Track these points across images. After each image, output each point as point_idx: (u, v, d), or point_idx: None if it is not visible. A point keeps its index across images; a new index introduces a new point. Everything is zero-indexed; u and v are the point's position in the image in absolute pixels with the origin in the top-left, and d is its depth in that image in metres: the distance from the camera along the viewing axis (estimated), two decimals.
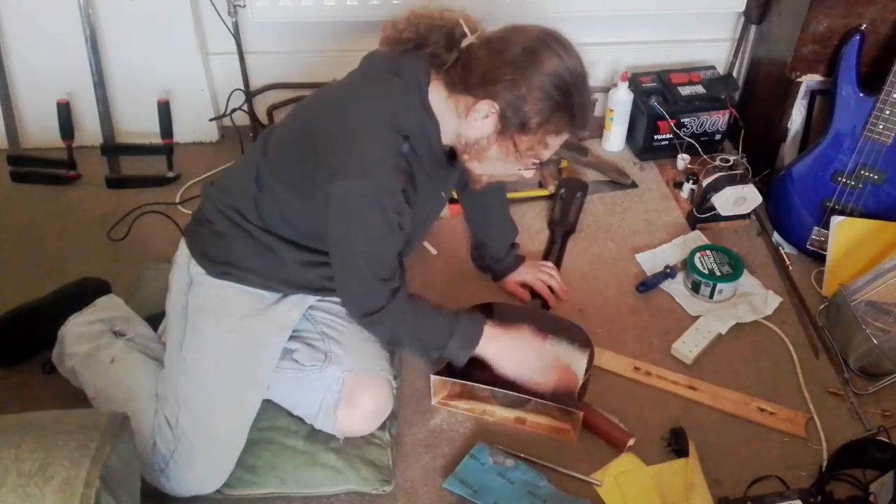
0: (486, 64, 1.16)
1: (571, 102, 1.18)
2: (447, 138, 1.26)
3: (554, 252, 1.84)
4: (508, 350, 1.38)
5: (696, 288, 1.72)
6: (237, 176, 1.36)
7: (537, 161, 1.27)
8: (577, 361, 1.45)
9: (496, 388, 1.42)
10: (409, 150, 1.21)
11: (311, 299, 1.44)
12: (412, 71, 1.21)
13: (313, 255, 1.33)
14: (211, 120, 2.17)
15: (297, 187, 1.27)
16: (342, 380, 1.34)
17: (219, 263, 1.33)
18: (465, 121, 1.21)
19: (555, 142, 1.24)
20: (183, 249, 1.38)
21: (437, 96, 1.22)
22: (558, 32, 1.19)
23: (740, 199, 1.85)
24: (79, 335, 1.43)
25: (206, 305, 1.33)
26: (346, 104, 1.24)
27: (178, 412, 1.28)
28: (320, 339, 1.40)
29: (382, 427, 1.39)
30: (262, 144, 1.34)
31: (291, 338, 1.40)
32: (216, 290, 1.33)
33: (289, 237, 1.32)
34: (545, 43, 1.16)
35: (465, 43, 1.19)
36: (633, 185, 2.06)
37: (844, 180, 1.74)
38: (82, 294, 1.52)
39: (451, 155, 1.29)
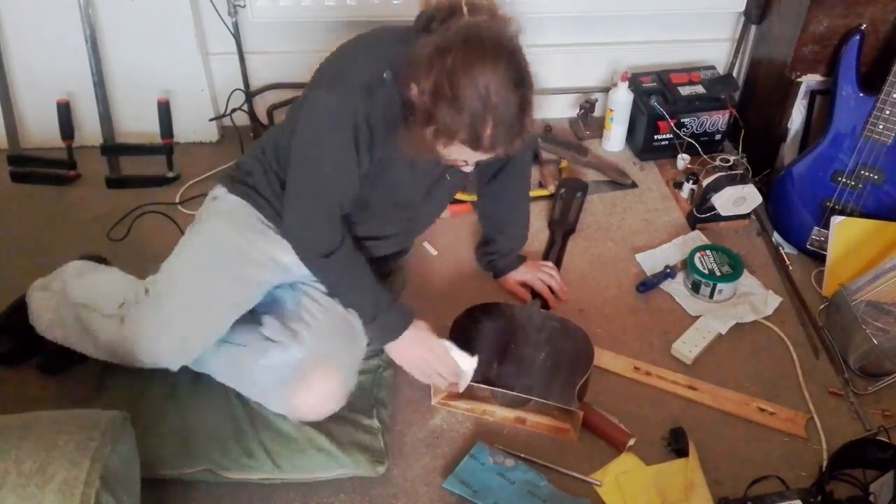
0: (422, 47, 1.14)
1: (473, 123, 1.12)
2: None
3: (554, 252, 1.84)
4: (401, 346, 1.42)
5: (696, 288, 1.72)
6: (277, 129, 1.45)
7: (435, 156, 1.23)
8: (466, 368, 1.42)
9: (496, 388, 1.43)
10: (391, 79, 1.21)
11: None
12: (413, 25, 1.23)
13: None
14: (211, 120, 2.17)
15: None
16: (299, 361, 1.36)
17: (240, 183, 1.42)
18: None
19: (444, 151, 1.20)
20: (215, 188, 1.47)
21: None
22: (506, 47, 1.13)
23: (740, 199, 1.85)
24: (82, 266, 1.53)
25: (219, 209, 1.42)
26: (349, 43, 1.30)
27: (158, 278, 1.39)
28: (294, 320, 1.42)
29: (370, 415, 1.41)
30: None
31: (268, 313, 1.44)
32: (233, 204, 1.41)
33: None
34: (468, 53, 1.10)
35: (458, 21, 1.16)
36: (633, 185, 2.06)
37: (844, 180, 1.74)
38: None
39: None
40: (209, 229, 1.41)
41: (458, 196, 1.92)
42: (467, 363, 1.41)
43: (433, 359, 1.40)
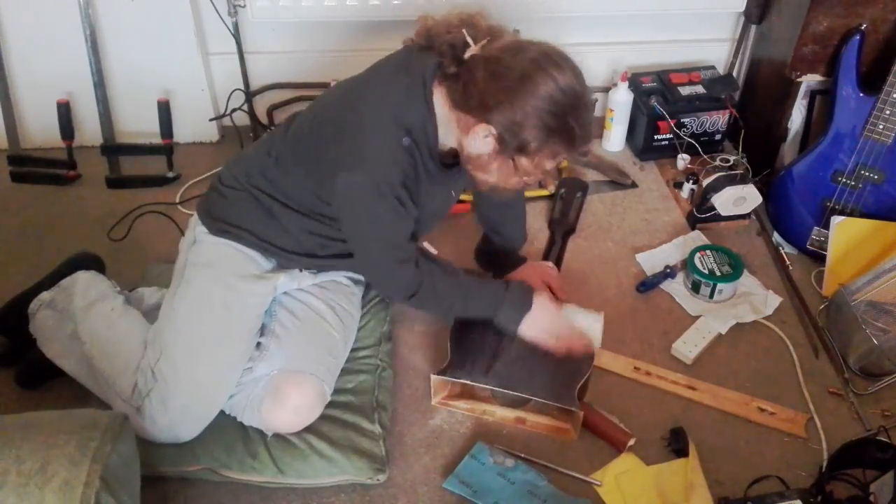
0: (483, 88, 1.17)
1: (568, 126, 1.19)
2: (451, 142, 1.29)
3: (554, 252, 1.84)
4: (531, 314, 1.43)
5: (696, 288, 1.72)
6: (257, 147, 1.43)
7: (536, 179, 1.31)
8: (593, 324, 1.51)
9: (496, 388, 1.43)
10: (410, 144, 1.24)
11: (296, 281, 1.45)
12: (420, 69, 1.24)
13: (312, 221, 1.37)
14: (211, 120, 2.17)
15: (308, 167, 1.32)
16: (267, 377, 1.36)
17: (219, 221, 1.39)
18: (465, 137, 1.23)
19: (551, 164, 1.26)
20: (194, 214, 1.45)
21: (440, 102, 1.24)
22: (558, 51, 1.19)
23: (740, 199, 1.85)
24: (87, 285, 1.49)
25: (200, 261, 1.38)
26: (355, 96, 1.29)
27: (160, 355, 1.33)
28: (265, 334, 1.41)
29: (372, 420, 1.40)
30: (285, 125, 1.40)
31: None
32: (213, 248, 1.39)
33: (291, 205, 1.37)
34: (540, 66, 1.16)
35: (468, 54, 1.20)
36: (633, 185, 2.06)
37: (844, 180, 1.74)
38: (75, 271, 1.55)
39: (455, 156, 1.31)
40: (196, 292, 1.36)
41: (461, 196, 1.91)
42: (592, 321, 1.49)
43: (563, 326, 1.45)
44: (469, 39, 1.20)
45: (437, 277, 1.39)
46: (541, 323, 1.44)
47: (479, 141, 1.21)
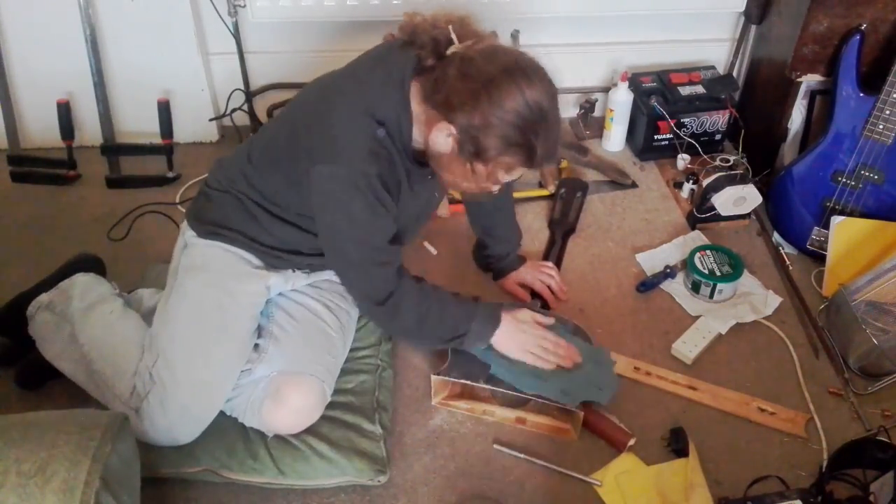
0: (452, 86, 1.16)
1: (529, 142, 1.17)
2: (420, 139, 1.27)
3: (554, 252, 1.84)
4: (511, 333, 1.43)
5: (696, 288, 1.72)
6: (238, 151, 1.43)
7: (492, 187, 1.29)
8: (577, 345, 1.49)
9: (496, 388, 1.43)
10: (385, 136, 1.23)
11: (290, 281, 1.44)
12: (398, 63, 1.23)
13: (293, 227, 1.37)
14: (211, 120, 2.17)
15: (281, 168, 1.31)
16: (267, 378, 1.35)
17: (207, 224, 1.39)
18: (429, 133, 1.22)
19: (507, 177, 1.25)
20: (185, 220, 1.45)
21: (415, 98, 1.23)
22: (533, 63, 1.17)
23: (740, 199, 1.85)
24: (86, 287, 1.49)
25: (192, 264, 1.38)
26: (329, 90, 1.28)
27: (157, 358, 1.33)
28: (263, 336, 1.41)
29: (372, 420, 1.40)
30: (263, 126, 1.42)
31: None
32: (204, 250, 1.38)
33: (273, 210, 1.36)
34: (512, 76, 1.14)
35: (449, 51, 1.19)
36: (633, 185, 2.06)
37: (844, 180, 1.74)
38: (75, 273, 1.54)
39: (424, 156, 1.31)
40: (190, 295, 1.36)
41: (458, 196, 1.92)
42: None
43: (541, 335, 1.44)
44: (454, 37, 1.19)
45: (414, 283, 1.36)
46: (527, 343, 1.44)
47: (441, 139, 1.20)
